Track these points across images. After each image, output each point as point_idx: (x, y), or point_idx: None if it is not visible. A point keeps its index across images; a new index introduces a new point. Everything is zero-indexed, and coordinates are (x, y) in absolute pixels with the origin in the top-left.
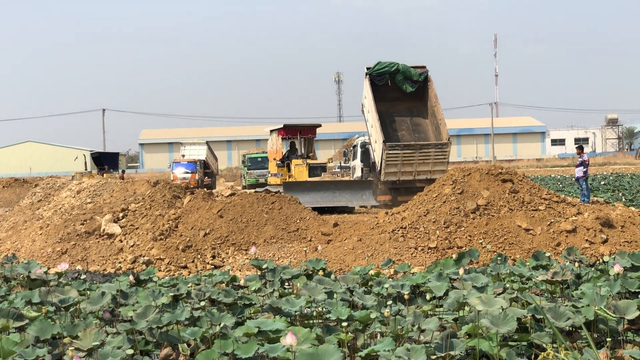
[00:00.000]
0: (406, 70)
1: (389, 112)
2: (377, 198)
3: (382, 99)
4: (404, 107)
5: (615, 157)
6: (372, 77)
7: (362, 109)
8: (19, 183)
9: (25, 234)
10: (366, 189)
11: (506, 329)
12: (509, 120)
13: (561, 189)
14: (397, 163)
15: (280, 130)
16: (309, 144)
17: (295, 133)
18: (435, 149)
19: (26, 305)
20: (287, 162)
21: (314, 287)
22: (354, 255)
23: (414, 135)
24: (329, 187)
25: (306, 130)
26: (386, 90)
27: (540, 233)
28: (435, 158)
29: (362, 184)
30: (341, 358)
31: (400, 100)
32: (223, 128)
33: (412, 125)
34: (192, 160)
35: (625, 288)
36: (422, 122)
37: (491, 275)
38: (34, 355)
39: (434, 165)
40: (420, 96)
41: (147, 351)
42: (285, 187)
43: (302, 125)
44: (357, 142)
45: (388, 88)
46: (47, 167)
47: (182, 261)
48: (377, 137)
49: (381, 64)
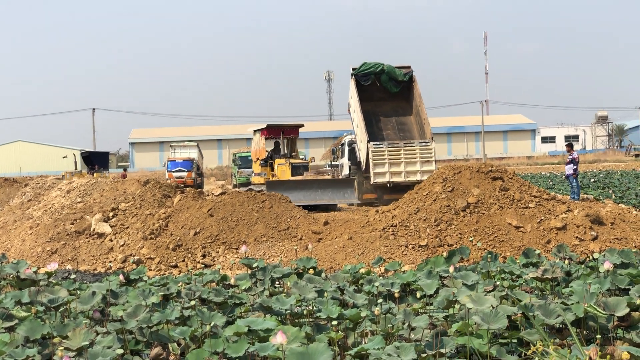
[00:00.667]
0: (391, 71)
1: (374, 111)
2: (363, 196)
3: (368, 99)
4: (389, 107)
5: (605, 155)
6: (357, 77)
7: (349, 109)
8: (9, 183)
9: (15, 234)
10: (348, 188)
11: (497, 326)
12: (500, 118)
13: (551, 187)
14: (384, 162)
15: (263, 130)
16: (292, 143)
17: (278, 133)
18: (420, 146)
19: (16, 305)
20: (271, 161)
21: (305, 285)
22: (344, 254)
23: (399, 134)
24: (312, 185)
25: (289, 131)
26: (372, 90)
27: (530, 230)
28: (422, 157)
29: (344, 183)
30: (331, 357)
31: (385, 100)
32: (213, 127)
33: (397, 125)
34: (187, 159)
35: (615, 285)
36: (407, 121)
37: (481, 273)
38: (24, 355)
39: (422, 164)
40: (406, 96)
41: (138, 351)
42: (268, 186)
43: (285, 125)
44: (345, 141)
45: (374, 88)
46: (37, 166)
47: (173, 260)
48: (362, 137)
49: (366, 65)
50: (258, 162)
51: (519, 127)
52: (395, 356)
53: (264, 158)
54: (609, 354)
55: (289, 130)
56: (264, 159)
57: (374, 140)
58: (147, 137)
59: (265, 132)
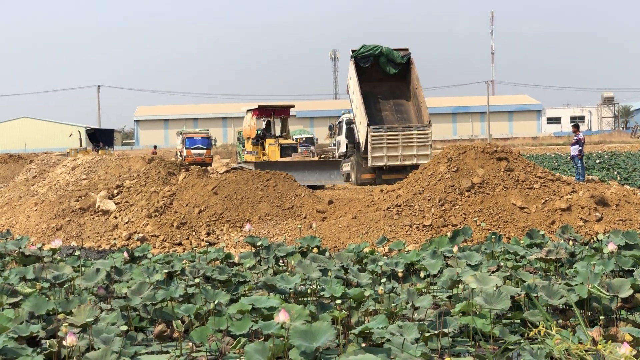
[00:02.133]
0: (389, 53)
1: (372, 92)
2: (362, 176)
3: (367, 80)
4: (387, 88)
5: (611, 136)
6: (357, 59)
7: (347, 90)
8: (14, 159)
9: (19, 210)
10: (334, 169)
11: (500, 307)
12: (505, 99)
13: (556, 168)
14: (382, 146)
15: (255, 110)
16: (283, 123)
17: (269, 113)
18: (417, 131)
19: (20, 281)
20: (262, 141)
21: (309, 264)
22: (348, 233)
23: (397, 115)
24: (299, 167)
25: (280, 111)
26: (370, 71)
27: (534, 211)
28: (418, 141)
29: (331, 164)
30: (335, 335)
31: (383, 82)
32: (218, 105)
33: (394, 106)
34: (205, 136)
35: (619, 266)
36: (405, 104)
37: (485, 253)
38: (28, 331)
39: (418, 149)
40: (403, 78)
41: (142, 327)
42: (256, 167)
43: (276, 105)
44: (343, 119)
45: (372, 69)
46: (42, 143)
47: (177, 238)
48: (362, 119)
49: (366, 47)
50: (250, 140)
51: (525, 108)
52: (398, 335)
53: (254, 137)
54: (612, 335)
55: (279, 111)
56: (255, 138)
57: (373, 123)
58: (152, 115)
59: (256, 112)
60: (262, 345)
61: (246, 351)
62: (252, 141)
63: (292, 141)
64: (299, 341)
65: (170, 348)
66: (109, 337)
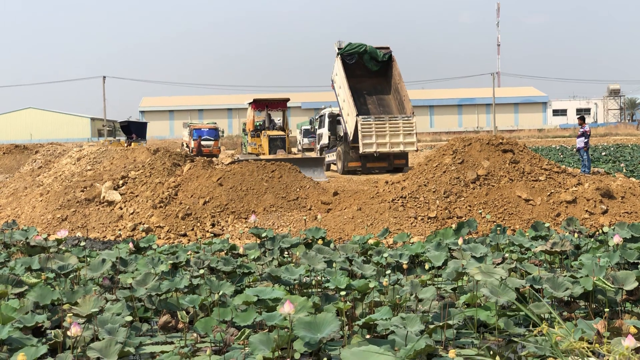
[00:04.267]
0: (372, 51)
1: (356, 88)
2: (348, 164)
3: (351, 76)
4: (369, 84)
5: (617, 128)
6: (343, 56)
7: (333, 85)
8: (20, 149)
9: (25, 201)
10: (318, 166)
11: (505, 299)
12: (511, 91)
13: (562, 160)
14: (371, 134)
15: (252, 103)
16: (283, 116)
17: (263, 106)
18: (402, 120)
19: (26, 271)
20: (259, 133)
21: (314, 256)
22: (353, 225)
23: (379, 108)
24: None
25: (274, 104)
26: (354, 68)
27: (540, 203)
28: (404, 130)
29: (315, 161)
30: (339, 327)
31: (366, 78)
32: (224, 96)
33: (377, 101)
34: (213, 127)
35: (625, 259)
36: (386, 98)
37: (490, 245)
38: (33, 321)
39: (404, 137)
40: (385, 74)
41: (146, 318)
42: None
43: (271, 99)
44: (325, 112)
45: (356, 67)
46: (48, 133)
47: (182, 229)
48: (350, 111)
49: (351, 45)
50: (249, 133)
51: (531, 100)
52: (402, 327)
53: (252, 129)
54: (616, 328)
55: (274, 104)
56: (253, 130)
57: (361, 114)
58: (157, 106)
59: (253, 105)
60: (267, 336)
61: (250, 342)
62: (251, 133)
63: (281, 133)
64: (303, 332)
65: (174, 339)
66: (114, 328)
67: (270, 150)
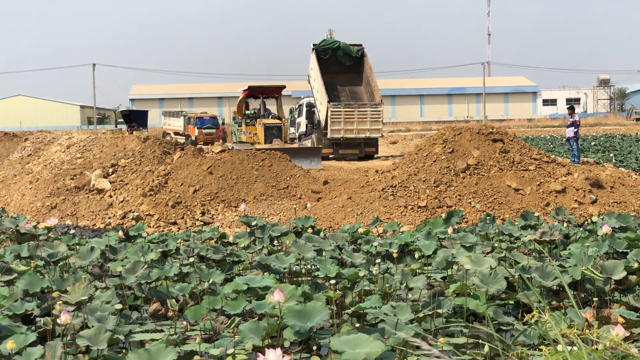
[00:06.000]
0: (346, 48)
1: (331, 82)
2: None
3: (326, 72)
4: (343, 78)
5: (607, 118)
6: (318, 52)
7: (309, 79)
8: (9, 137)
9: (14, 188)
10: (315, 156)
11: (495, 288)
12: (501, 80)
13: (552, 150)
14: (340, 120)
15: (245, 90)
16: (276, 104)
17: (258, 93)
18: (370, 108)
19: (15, 259)
20: (254, 121)
21: (303, 244)
22: (343, 214)
23: (351, 99)
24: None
25: (269, 91)
26: (329, 63)
27: (529, 193)
28: (372, 117)
29: (312, 151)
30: (329, 315)
31: (340, 73)
32: (214, 84)
33: (350, 93)
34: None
35: (613, 248)
36: (359, 90)
37: (480, 234)
38: (23, 309)
39: (371, 123)
40: (357, 69)
41: (136, 306)
42: None
43: (265, 86)
44: (303, 102)
45: (330, 62)
46: (38, 121)
47: (172, 217)
48: (322, 99)
49: (326, 41)
50: (244, 120)
51: (521, 90)
52: (392, 315)
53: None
54: (605, 317)
55: (269, 91)
56: (248, 118)
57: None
58: (147, 94)
59: (246, 92)
60: (257, 325)
61: (240, 330)
62: (246, 121)
63: (277, 121)
64: (293, 321)
65: (164, 327)
66: (104, 316)
67: (266, 139)
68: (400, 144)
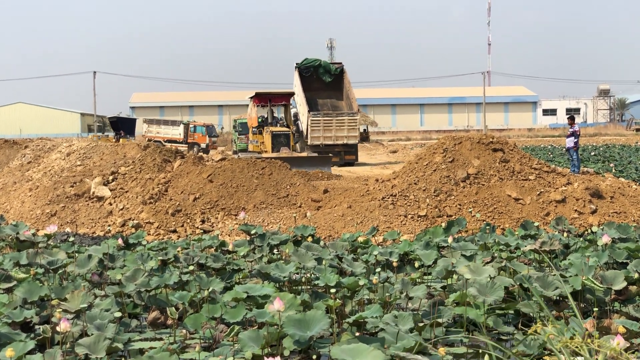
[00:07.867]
0: (326, 65)
1: (313, 97)
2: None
3: (308, 89)
4: (324, 94)
5: (607, 128)
6: (300, 69)
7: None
8: (9, 144)
9: (14, 196)
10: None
11: (493, 298)
12: (501, 90)
13: (552, 159)
14: (319, 128)
15: (254, 97)
16: (284, 111)
17: (266, 101)
18: (347, 117)
19: (14, 266)
20: (261, 129)
21: (303, 253)
22: (343, 222)
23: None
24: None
25: (278, 98)
26: (311, 81)
27: (529, 203)
28: (349, 125)
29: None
30: (329, 324)
31: (322, 89)
32: (214, 92)
33: (332, 107)
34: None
35: (613, 259)
36: (339, 104)
37: (480, 244)
38: (22, 317)
39: (348, 131)
40: (337, 86)
41: (135, 314)
42: None
43: (274, 93)
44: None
45: (312, 79)
46: (38, 128)
47: (172, 225)
48: (304, 110)
49: (308, 60)
50: (252, 129)
51: (521, 99)
52: (392, 325)
53: (255, 126)
54: (605, 327)
55: (277, 98)
56: (256, 127)
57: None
58: (147, 102)
59: (256, 99)
60: (256, 333)
61: (240, 339)
62: (253, 130)
63: (285, 129)
64: (292, 330)
65: (164, 335)
66: (103, 324)
67: (273, 147)
68: (401, 153)
